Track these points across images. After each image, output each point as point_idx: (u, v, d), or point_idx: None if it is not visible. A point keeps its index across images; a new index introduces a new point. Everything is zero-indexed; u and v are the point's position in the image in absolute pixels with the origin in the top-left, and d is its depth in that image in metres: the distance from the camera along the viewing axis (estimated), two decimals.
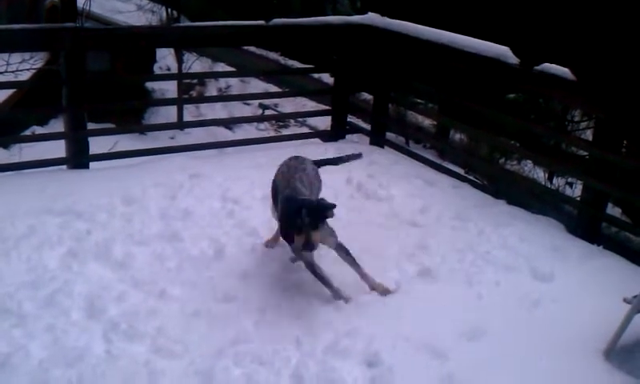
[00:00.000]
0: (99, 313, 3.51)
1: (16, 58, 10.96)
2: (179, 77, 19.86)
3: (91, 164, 5.59)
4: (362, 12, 6.59)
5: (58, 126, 4.77)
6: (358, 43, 6.47)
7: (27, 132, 10.19)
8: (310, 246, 3.66)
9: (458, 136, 13.22)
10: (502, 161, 10.29)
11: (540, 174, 10.34)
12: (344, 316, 3.68)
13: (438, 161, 7.38)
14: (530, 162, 9.84)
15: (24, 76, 10.97)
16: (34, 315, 3.45)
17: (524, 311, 3.82)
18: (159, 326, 3.45)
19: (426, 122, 13.37)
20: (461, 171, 7.66)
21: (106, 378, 3.10)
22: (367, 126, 6.92)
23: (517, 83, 6.71)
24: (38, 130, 11.68)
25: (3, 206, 4.39)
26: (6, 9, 16.20)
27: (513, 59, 4.88)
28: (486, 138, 7.99)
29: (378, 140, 6.60)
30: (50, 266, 3.88)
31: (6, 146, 8.52)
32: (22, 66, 11.07)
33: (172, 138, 14.37)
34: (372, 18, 6.28)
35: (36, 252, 3.99)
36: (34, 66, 11.59)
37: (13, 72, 10.85)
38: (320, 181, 4.27)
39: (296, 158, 4.29)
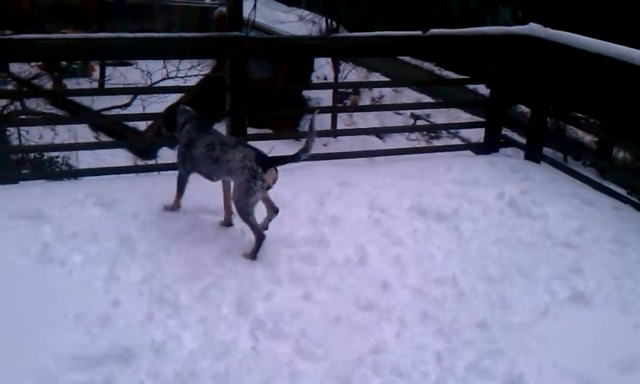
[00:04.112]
0: (247, 310, 3.66)
1: (185, 64, 11.77)
2: (335, 86, 20.28)
3: None
4: (523, 22, 6.38)
5: (220, 129, 5.09)
6: (517, 54, 6.27)
7: None
8: None
9: (621, 154, 12.40)
10: None
11: None
12: (488, 336, 3.59)
13: (598, 180, 6.96)
14: None
15: (192, 81, 11.75)
16: (188, 307, 3.66)
17: None
18: (303, 328, 3.54)
19: (587, 138, 12.67)
20: (623, 192, 7.17)
21: (250, 373, 3.23)
22: (523, 140, 6.68)
23: None
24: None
25: (168, 201, 4.71)
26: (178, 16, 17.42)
27: None
28: None
29: (533, 155, 6.34)
30: (206, 261, 4.10)
31: (172, 146, 9.15)
32: (191, 72, 11.86)
33: (325, 145, 14.70)
34: (533, 28, 6.07)
35: (194, 247, 4.23)
36: (202, 73, 12.36)
37: (182, 77, 11.67)
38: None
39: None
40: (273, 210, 4.38)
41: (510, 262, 4.32)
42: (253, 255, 4.16)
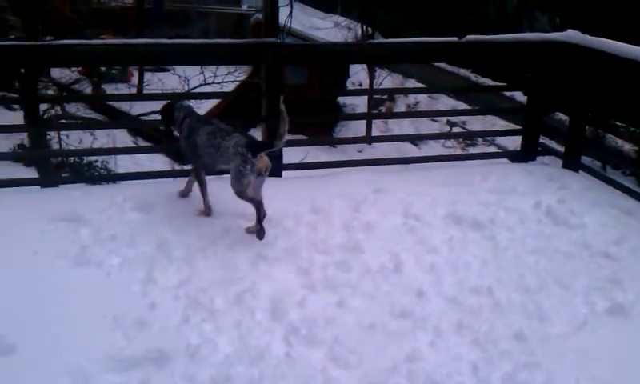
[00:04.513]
0: (281, 315, 3.67)
1: (222, 70, 11.88)
2: (370, 92, 20.26)
3: (283, 173, 5.89)
4: (561, 29, 6.30)
5: (256, 135, 5.14)
6: (555, 61, 6.19)
7: None
8: None
9: None
10: None
11: None
12: (525, 348, 3.53)
13: (638, 189, 6.81)
14: None
15: (228, 87, 11.85)
16: (224, 311, 3.68)
17: None
18: (337, 335, 3.54)
19: (626, 147, 12.44)
20: None
21: (284, 379, 3.23)
22: (560, 148, 6.59)
23: None
24: None
25: (200, 206, 4.74)
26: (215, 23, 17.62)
27: None
28: None
29: (571, 163, 6.24)
30: (241, 266, 4.13)
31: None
32: (227, 77, 11.97)
33: (359, 152, 14.70)
34: (571, 35, 5.99)
35: (229, 252, 4.27)
36: (238, 79, 12.46)
37: (219, 83, 11.79)
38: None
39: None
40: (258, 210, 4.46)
41: (547, 272, 4.26)
42: (259, 232, 4.39)
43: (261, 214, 4.42)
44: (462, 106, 19.46)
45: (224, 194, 4.62)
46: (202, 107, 10.61)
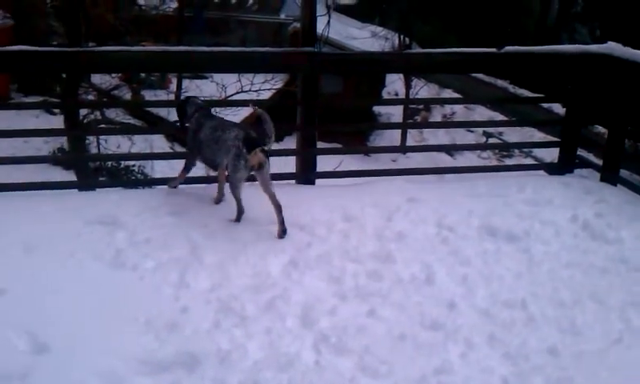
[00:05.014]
0: (312, 323, 3.67)
1: (259, 78, 11.97)
2: (405, 102, 20.22)
3: (317, 181, 5.90)
4: (602, 41, 6.21)
5: (291, 143, 5.16)
6: (595, 73, 6.10)
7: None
8: None
9: None
10: None
11: None
12: (558, 363, 3.48)
13: None
14: None
15: (265, 95, 11.93)
16: (255, 317, 3.70)
17: None
18: (366, 345, 3.53)
19: None
20: None
21: None
22: (599, 161, 6.47)
23: None
24: (273, 145, 12.55)
25: (233, 214, 4.79)
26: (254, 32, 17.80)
27: None
28: None
29: (609, 177, 6.13)
30: (273, 272, 4.15)
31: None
32: (264, 86, 12.06)
33: (394, 161, 14.66)
34: (612, 47, 5.89)
35: (261, 258, 4.29)
36: (274, 87, 12.54)
37: (255, 91, 11.88)
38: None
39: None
40: (276, 207, 4.61)
41: (582, 286, 4.18)
42: (237, 220, 4.69)
43: (240, 214, 4.68)
44: (499, 116, 19.28)
45: (256, 201, 4.65)
46: (239, 115, 10.69)
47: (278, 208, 4.60)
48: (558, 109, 17.16)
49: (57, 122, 13.06)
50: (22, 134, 7.90)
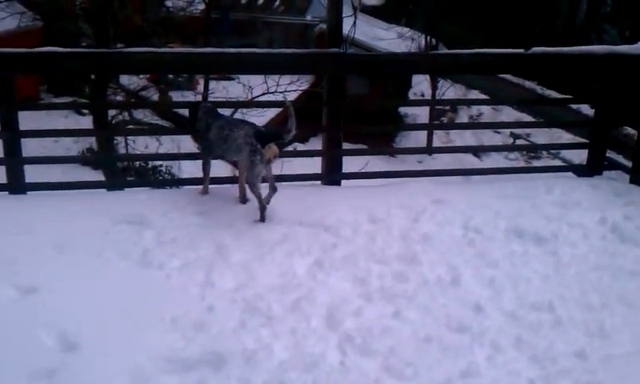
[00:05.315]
0: (337, 324, 3.67)
1: (285, 79, 12.02)
2: (432, 103, 20.13)
3: (343, 182, 5.90)
4: (631, 41, 6.12)
5: (316, 143, 5.16)
6: (625, 74, 6.02)
7: (289, 148, 11.09)
8: None
9: None
10: None
11: None
12: (586, 366, 3.43)
13: None
14: None
15: (291, 96, 11.96)
16: (280, 317, 3.71)
17: None
18: (391, 346, 3.52)
19: None
20: None
21: None
22: (628, 163, 6.38)
23: None
24: (299, 146, 12.60)
25: (257, 215, 4.80)
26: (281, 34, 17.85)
27: None
28: None
29: (639, 179, 6.04)
30: (298, 272, 4.16)
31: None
32: (290, 87, 12.10)
33: (420, 162, 14.60)
34: None
35: (287, 258, 4.30)
36: (300, 88, 12.55)
37: (282, 92, 11.92)
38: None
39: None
40: (272, 189, 4.84)
41: (611, 290, 4.13)
42: (261, 219, 4.73)
43: (263, 211, 4.73)
44: (527, 118, 19.11)
45: (283, 201, 4.66)
46: (265, 116, 10.72)
47: (274, 190, 4.84)
48: (587, 110, 16.94)
49: (86, 122, 13.26)
50: (51, 134, 8.06)
